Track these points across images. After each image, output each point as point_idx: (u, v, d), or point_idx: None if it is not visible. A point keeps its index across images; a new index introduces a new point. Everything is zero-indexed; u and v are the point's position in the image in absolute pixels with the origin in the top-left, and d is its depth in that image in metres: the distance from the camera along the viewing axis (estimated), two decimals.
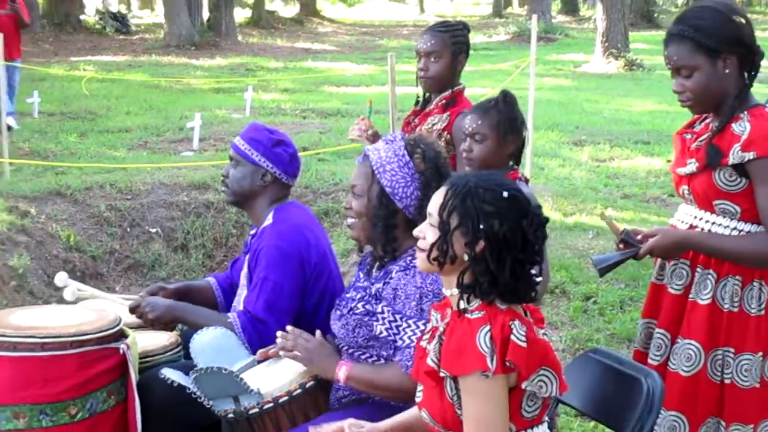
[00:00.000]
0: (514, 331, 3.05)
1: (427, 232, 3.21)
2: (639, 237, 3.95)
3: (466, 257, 3.12)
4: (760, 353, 3.83)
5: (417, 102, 5.74)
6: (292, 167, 4.92)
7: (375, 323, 3.91)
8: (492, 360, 3.00)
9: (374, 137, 5.64)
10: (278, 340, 4.09)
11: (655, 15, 41.93)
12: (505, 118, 4.57)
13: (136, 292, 5.28)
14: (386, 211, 3.94)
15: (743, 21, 3.81)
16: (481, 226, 3.07)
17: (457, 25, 5.68)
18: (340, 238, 9.45)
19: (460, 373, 3.08)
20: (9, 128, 12.82)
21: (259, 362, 4.32)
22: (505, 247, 3.08)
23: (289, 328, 4.12)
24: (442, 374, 3.16)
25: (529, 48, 12.94)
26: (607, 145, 14.77)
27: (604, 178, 12.69)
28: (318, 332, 4.17)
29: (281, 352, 4.08)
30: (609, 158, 14.07)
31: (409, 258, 3.89)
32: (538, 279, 3.21)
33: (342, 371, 3.94)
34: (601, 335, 7.29)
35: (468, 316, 3.12)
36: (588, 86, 23.29)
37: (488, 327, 3.05)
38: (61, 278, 5.32)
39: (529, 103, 11.90)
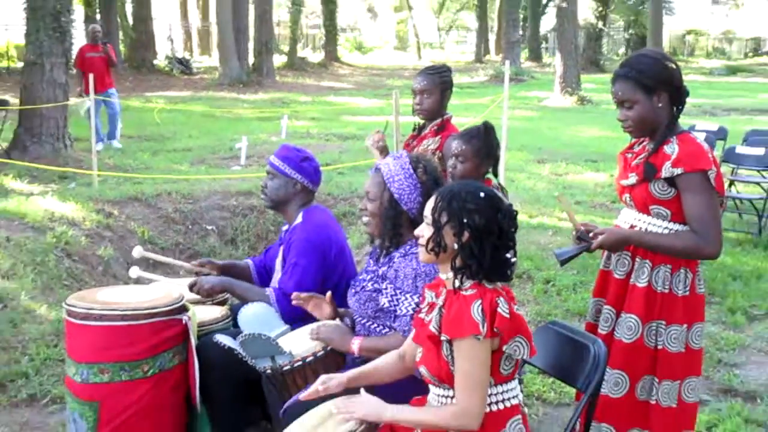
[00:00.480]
0: (500, 305, 3.10)
1: (424, 231, 3.26)
2: (591, 234, 3.94)
3: (455, 246, 3.16)
4: (685, 325, 3.84)
5: (414, 128, 5.78)
6: (316, 177, 4.96)
7: (380, 297, 3.97)
8: (483, 326, 3.04)
9: (383, 150, 5.70)
10: (293, 302, 4.24)
11: (601, 62, 42.08)
12: (484, 145, 4.62)
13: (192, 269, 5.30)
14: (394, 212, 3.99)
15: (674, 66, 3.83)
16: (465, 221, 3.14)
17: (442, 68, 5.72)
18: (354, 234, 9.45)
19: (458, 336, 3.09)
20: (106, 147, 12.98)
21: (292, 329, 4.34)
22: (485, 236, 3.14)
23: (306, 294, 4.25)
24: (442, 338, 3.17)
25: (503, 87, 12.94)
26: (563, 163, 14.78)
27: (560, 188, 12.69)
28: (329, 294, 4.26)
29: (309, 335, 4.11)
30: (564, 173, 14.08)
31: (408, 246, 3.95)
32: (513, 260, 3.23)
33: (355, 344, 3.99)
34: (558, 311, 7.28)
35: (463, 293, 3.16)
36: (549, 117, 23.28)
37: (480, 301, 3.09)
38: (134, 271, 5.39)
39: (503, 129, 11.89)
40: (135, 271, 5.39)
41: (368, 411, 3.28)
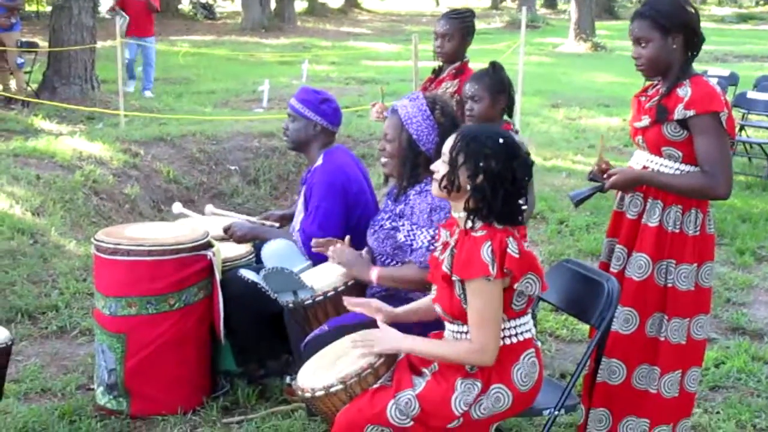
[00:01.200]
0: (510, 245, 3.08)
1: (440, 167, 3.23)
2: (604, 175, 3.92)
3: (468, 187, 3.14)
4: (695, 264, 3.81)
5: (434, 71, 5.71)
6: (336, 118, 4.90)
7: (398, 234, 3.96)
8: (493, 267, 3.03)
9: None
10: (329, 253, 4.15)
11: (616, 9, 41.60)
12: (495, 81, 4.58)
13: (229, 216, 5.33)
14: (413, 153, 3.96)
15: (693, 11, 3.79)
16: (481, 164, 3.11)
17: (465, 13, 5.63)
18: (373, 175, 9.35)
19: (468, 277, 3.09)
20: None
21: (313, 266, 4.34)
22: (498, 181, 3.11)
23: (333, 247, 4.18)
24: (453, 278, 3.17)
25: (519, 33, 12.84)
26: (577, 107, 14.71)
27: (574, 132, 12.67)
28: (347, 237, 4.25)
29: (330, 259, 4.13)
30: (578, 117, 14.02)
31: (424, 184, 3.93)
32: (524, 207, 3.21)
33: (374, 273, 4.00)
34: (571, 251, 7.29)
35: (473, 234, 3.14)
36: (563, 63, 23.13)
37: (489, 242, 3.07)
38: (176, 207, 5.42)
39: (519, 75, 11.85)
40: (177, 207, 5.42)
41: (386, 344, 3.30)
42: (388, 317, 3.52)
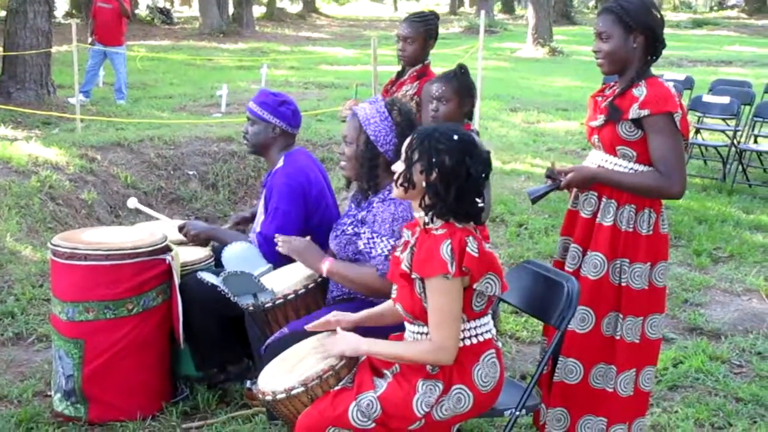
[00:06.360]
0: (469, 244, 3.10)
1: (398, 166, 3.24)
2: (560, 173, 3.95)
3: (423, 184, 3.16)
4: (649, 263, 3.85)
5: (397, 74, 5.73)
6: (296, 120, 4.88)
7: (359, 241, 3.94)
8: (452, 265, 3.05)
9: None
10: (279, 243, 4.14)
11: (573, 14, 41.90)
12: (463, 83, 4.58)
13: (179, 221, 5.29)
14: (371, 154, 3.96)
15: (658, 16, 3.85)
16: (434, 160, 3.14)
17: (428, 16, 5.66)
18: (333, 179, 9.38)
19: (427, 275, 3.11)
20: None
21: (274, 269, 4.33)
22: (451, 177, 3.13)
23: (283, 236, 4.18)
24: (413, 276, 3.18)
25: (477, 38, 12.90)
26: (535, 111, 14.80)
27: (533, 136, 12.75)
28: (308, 238, 4.25)
29: (278, 246, 4.13)
30: (536, 121, 14.11)
31: (387, 192, 3.91)
32: (481, 204, 3.23)
33: (325, 265, 3.98)
34: (530, 253, 7.33)
35: (433, 232, 3.16)
36: (521, 67, 23.26)
37: (449, 241, 3.09)
38: (131, 202, 5.40)
39: (478, 79, 11.86)
40: (132, 202, 5.38)
41: (345, 346, 3.30)
42: (349, 325, 3.51)
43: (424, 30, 5.54)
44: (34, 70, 13.55)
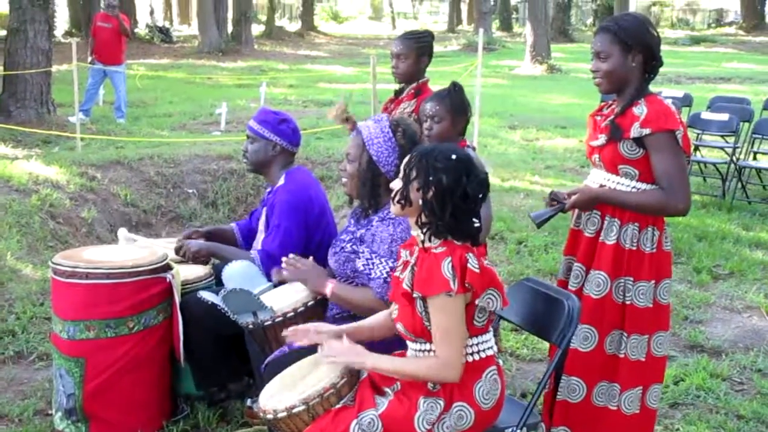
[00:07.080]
0: (470, 260, 3.10)
1: (396, 183, 3.26)
2: (563, 196, 3.96)
3: (420, 201, 3.16)
4: (653, 281, 3.85)
5: (395, 92, 5.77)
6: (295, 138, 4.89)
7: (357, 260, 3.94)
8: (454, 282, 3.05)
9: (347, 120, 5.60)
10: (283, 265, 4.12)
11: (570, 32, 42.05)
12: (456, 102, 4.61)
13: (174, 240, 5.26)
14: (372, 174, 3.95)
15: (655, 35, 3.85)
16: (431, 178, 3.14)
17: (421, 34, 5.73)
18: (332, 197, 9.43)
19: (430, 294, 3.10)
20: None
21: (275, 287, 4.33)
22: (448, 196, 3.13)
23: (290, 255, 4.16)
24: (414, 296, 3.18)
25: (475, 55, 12.93)
26: (534, 129, 14.80)
27: (531, 153, 12.74)
28: (311, 258, 4.20)
29: (285, 272, 4.10)
30: (535, 138, 14.10)
31: (387, 211, 3.89)
32: (477, 224, 3.23)
33: (328, 288, 3.98)
34: (530, 270, 7.32)
35: (433, 251, 3.16)
36: (520, 85, 23.31)
37: (449, 258, 3.09)
38: (122, 233, 5.34)
39: (476, 97, 11.91)
40: (123, 233, 5.35)
41: (351, 356, 3.29)
42: (332, 335, 3.47)
43: (416, 47, 5.59)
44: (35, 89, 13.57)
